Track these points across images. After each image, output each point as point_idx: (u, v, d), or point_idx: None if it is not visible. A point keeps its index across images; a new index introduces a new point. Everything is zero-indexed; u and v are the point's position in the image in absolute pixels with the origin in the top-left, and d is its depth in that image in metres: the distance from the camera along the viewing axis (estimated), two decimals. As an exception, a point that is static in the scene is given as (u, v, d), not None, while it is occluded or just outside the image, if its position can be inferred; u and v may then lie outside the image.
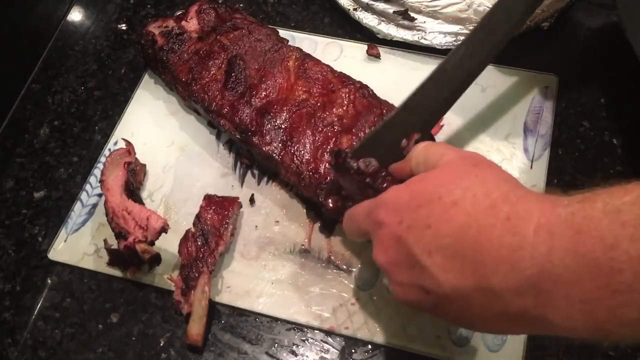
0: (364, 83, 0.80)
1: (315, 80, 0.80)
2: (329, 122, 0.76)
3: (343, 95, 0.78)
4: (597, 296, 0.39)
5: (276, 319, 0.72)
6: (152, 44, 0.87)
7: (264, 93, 0.80)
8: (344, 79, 0.80)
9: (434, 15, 0.90)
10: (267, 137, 0.77)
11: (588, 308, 0.40)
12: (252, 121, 0.77)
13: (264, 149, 0.76)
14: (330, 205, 0.70)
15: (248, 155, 0.82)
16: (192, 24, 0.88)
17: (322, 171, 0.73)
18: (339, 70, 0.81)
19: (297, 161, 0.74)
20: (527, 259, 0.42)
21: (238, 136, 0.78)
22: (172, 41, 0.87)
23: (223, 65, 0.83)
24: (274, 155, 0.76)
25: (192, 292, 0.71)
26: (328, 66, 0.82)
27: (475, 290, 0.45)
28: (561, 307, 0.41)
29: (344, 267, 0.74)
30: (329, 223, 0.77)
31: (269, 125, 0.77)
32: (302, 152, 0.75)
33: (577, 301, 0.40)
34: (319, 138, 0.75)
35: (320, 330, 0.71)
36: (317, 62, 0.83)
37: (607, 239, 0.39)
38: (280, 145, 0.76)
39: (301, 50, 0.84)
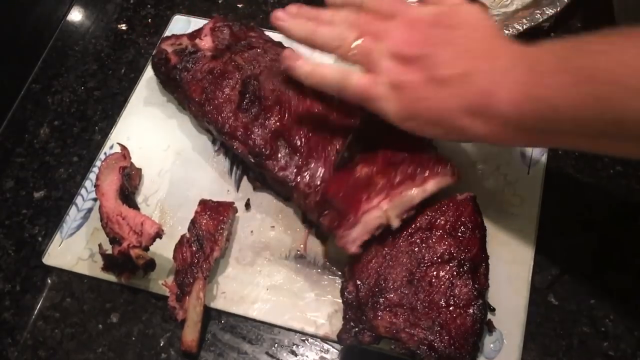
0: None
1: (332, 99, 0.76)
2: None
3: None
4: (532, 80, 0.56)
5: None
6: (166, 62, 0.85)
7: (278, 116, 0.76)
8: None
9: (434, 15, 0.89)
10: (282, 162, 0.74)
11: (523, 88, 0.56)
12: (266, 144, 0.75)
13: (279, 174, 0.73)
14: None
15: (259, 178, 0.80)
16: (206, 42, 0.86)
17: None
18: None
19: (310, 188, 0.72)
20: (509, 52, 0.59)
21: (252, 160, 0.76)
22: (186, 59, 0.84)
23: (237, 86, 0.80)
24: (288, 180, 0.73)
25: (187, 298, 0.71)
26: None
27: (463, 74, 0.60)
28: (511, 91, 0.56)
29: (340, 273, 0.73)
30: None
31: (284, 150, 0.74)
32: (316, 178, 0.72)
33: (520, 85, 0.56)
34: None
35: (315, 336, 0.71)
36: None
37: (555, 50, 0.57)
38: (295, 170, 0.73)
39: None
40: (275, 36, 0.87)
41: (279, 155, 0.74)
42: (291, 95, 0.77)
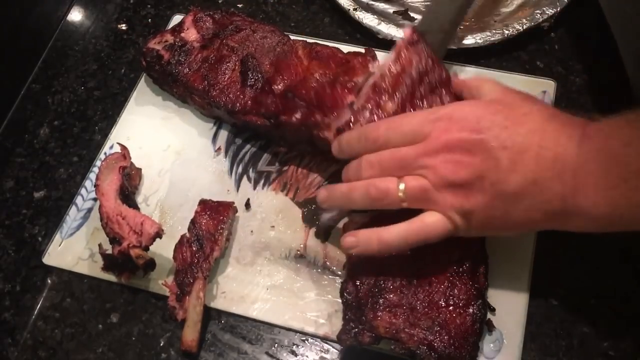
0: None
1: (328, 58, 0.80)
2: (354, 84, 0.74)
3: (362, 62, 0.77)
4: (616, 184, 0.51)
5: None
6: (158, 60, 0.86)
7: (283, 81, 0.79)
8: (355, 54, 0.79)
9: (434, 15, 0.89)
10: (298, 113, 0.75)
11: (609, 194, 0.52)
12: (277, 105, 0.77)
13: (293, 119, 0.75)
14: None
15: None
16: (191, 34, 0.87)
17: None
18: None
19: (331, 118, 0.72)
20: (573, 157, 0.54)
21: (271, 122, 0.78)
22: (177, 53, 0.86)
23: (237, 67, 0.83)
24: (309, 121, 0.73)
25: (187, 298, 0.71)
26: (336, 47, 0.82)
27: (532, 183, 0.56)
28: (589, 195, 0.53)
29: (340, 272, 0.73)
30: (325, 228, 0.76)
31: (295, 102, 0.76)
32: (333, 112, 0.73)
33: (601, 189, 0.52)
34: (349, 97, 0.74)
35: (315, 336, 0.71)
36: (325, 45, 0.83)
37: (624, 139, 0.52)
38: (308, 111, 0.74)
39: (305, 40, 0.85)
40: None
41: (291, 107, 0.76)
42: (289, 63, 0.81)
